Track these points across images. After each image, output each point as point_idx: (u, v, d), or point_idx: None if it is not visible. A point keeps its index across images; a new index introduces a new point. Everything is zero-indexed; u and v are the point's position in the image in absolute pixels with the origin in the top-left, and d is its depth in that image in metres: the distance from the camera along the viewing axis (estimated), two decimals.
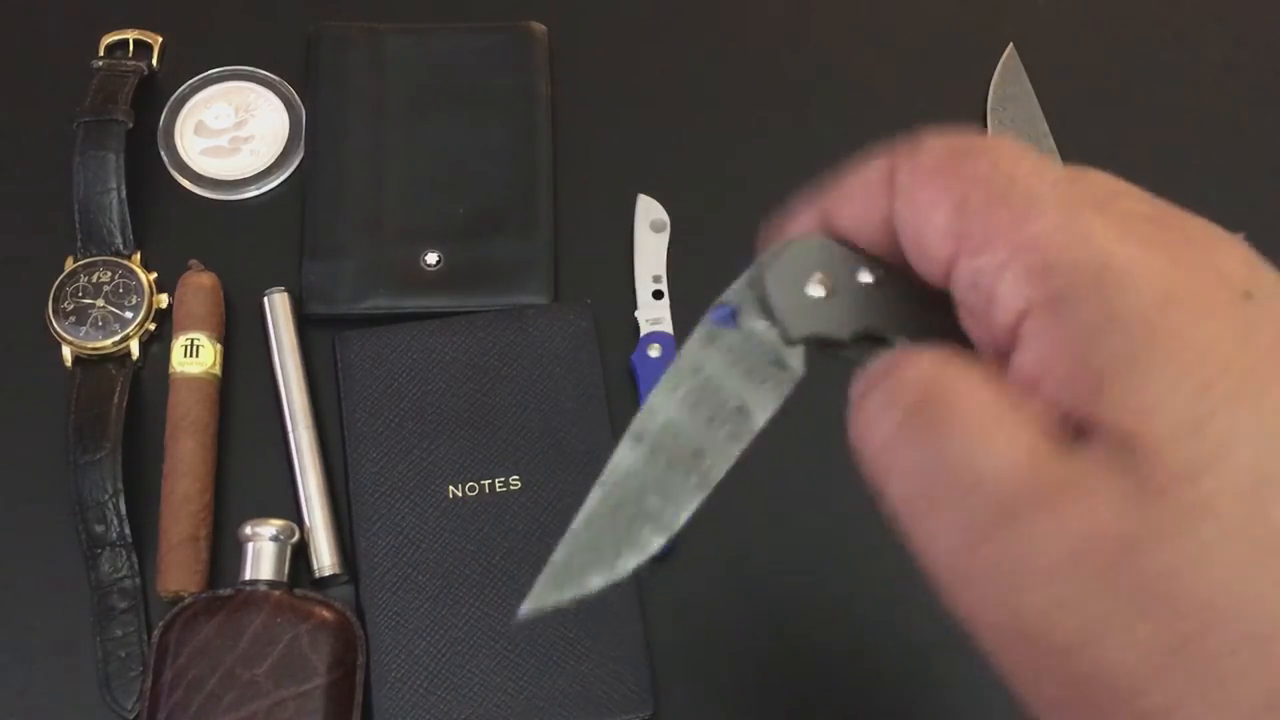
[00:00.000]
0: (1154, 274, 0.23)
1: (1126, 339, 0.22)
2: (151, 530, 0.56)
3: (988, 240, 0.25)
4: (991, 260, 0.25)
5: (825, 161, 0.71)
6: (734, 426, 0.30)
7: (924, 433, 0.25)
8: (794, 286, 0.29)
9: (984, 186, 0.26)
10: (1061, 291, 0.24)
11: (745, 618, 0.56)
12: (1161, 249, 0.24)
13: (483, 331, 0.60)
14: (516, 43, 0.67)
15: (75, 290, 0.60)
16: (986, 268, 0.25)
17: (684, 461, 0.31)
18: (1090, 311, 0.23)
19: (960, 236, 0.26)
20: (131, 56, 0.67)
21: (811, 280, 0.29)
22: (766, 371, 0.29)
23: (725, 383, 0.29)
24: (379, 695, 0.53)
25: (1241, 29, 0.71)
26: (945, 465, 0.24)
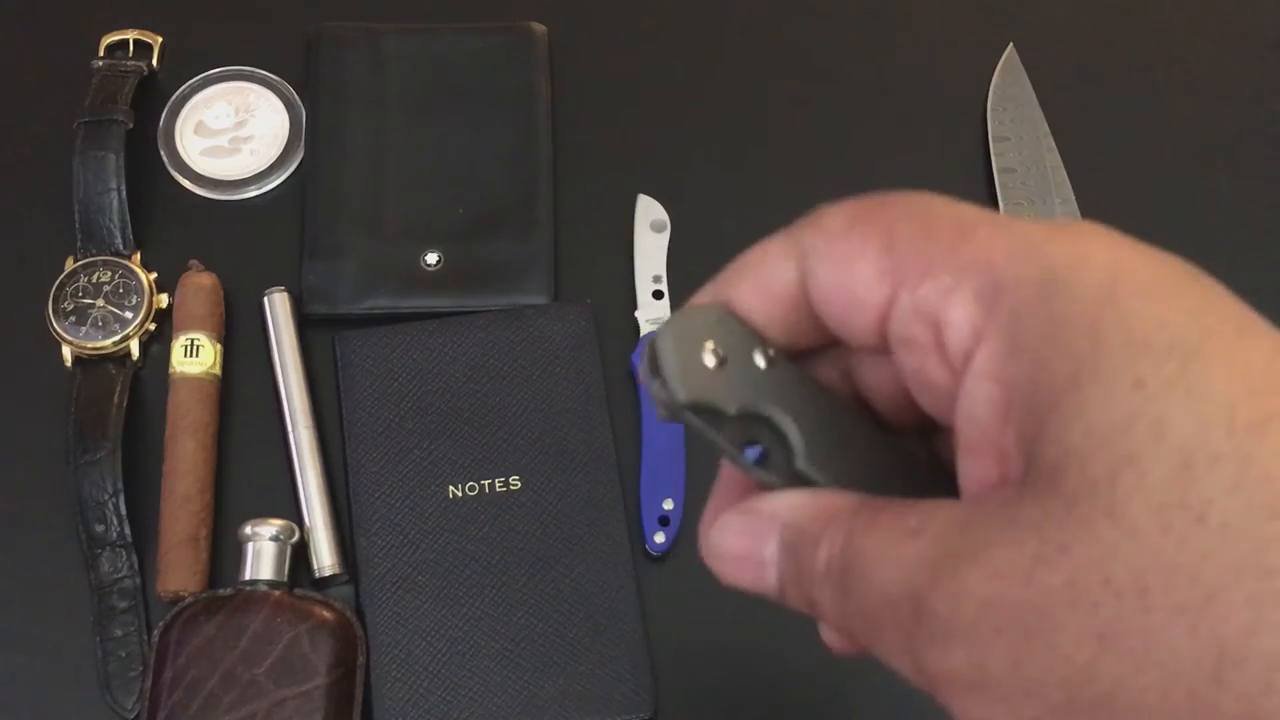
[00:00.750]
0: (1097, 265, 0.23)
1: (1068, 355, 0.23)
2: (151, 530, 0.56)
3: (928, 268, 0.25)
4: (936, 286, 0.25)
5: (825, 161, 0.72)
6: None
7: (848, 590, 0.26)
8: (688, 352, 0.28)
9: (907, 223, 0.26)
10: (1008, 309, 0.24)
11: (745, 618, 0.56)
12: (1101, 238, 0.24)
13: (483, 331, 0.60)
14: (516, 43, 0.67)
15: (75, 290, 0.60)
16: (931, 295, 0.25)
17: None
18: (1036, 324, 0.23)
19: (895, 272, 0.26)
20: (131, 56, 0.67)
21: (705, 349, 0.28)
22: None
23: None
24: (379, 695, 0.53)
25: (1242, 28, 0.71)
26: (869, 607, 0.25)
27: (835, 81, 0.69)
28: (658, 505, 0.57)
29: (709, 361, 0.28)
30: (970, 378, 0.24)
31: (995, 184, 0.65)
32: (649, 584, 0.56)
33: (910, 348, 0.26)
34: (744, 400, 0.28)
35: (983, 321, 0.24)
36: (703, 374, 0.28)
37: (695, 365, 0.28)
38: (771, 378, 0.29)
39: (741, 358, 0.29)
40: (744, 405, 0.28)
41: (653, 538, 0.57)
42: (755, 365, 0.29)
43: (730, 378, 0.28)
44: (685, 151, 0.67)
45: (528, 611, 0.55)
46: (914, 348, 0.26)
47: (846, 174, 0.66)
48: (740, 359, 0.29)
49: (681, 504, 0.57)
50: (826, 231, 0.27)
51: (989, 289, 0.24)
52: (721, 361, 0.28)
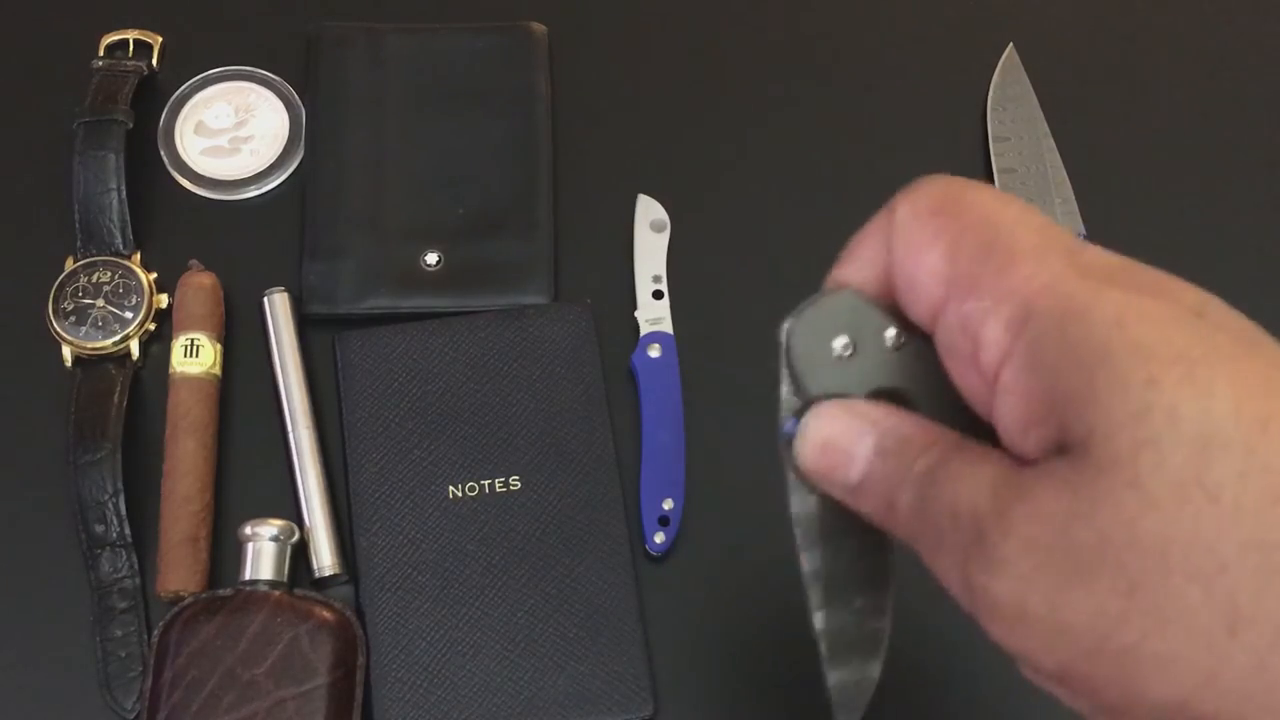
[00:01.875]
0: (1108, 303, 0.26)
1: (1082, 367, 0.26)
2: (151, 530, 0.56)
3: (975, 287, 0.28)
4: (979, 306, 0.28)
5: (825, 161, 0.72)
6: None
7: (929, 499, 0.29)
8: (818, 344, 0.31)
9: (974, 233, 0.29)
10: (1032, 338, 0.27)
11: (745, 618, 0.56)
12: (1117, 284, 0.27)
13: (483, 331, 0.60)
14: (516, 43, 0.67)
15: (75, 290, 0.60)
16: (974, 313, 0.28)
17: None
18: (1054, 352, 0.26)
19: (951, 282, 0.29)
20: (131, 56, 0.67)
21: (835, 340, 0.31)
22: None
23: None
24: (379, 695, 0.53)
25: (1242, 28, 0.71)
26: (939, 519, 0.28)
27: (835, 81, 0.69)
28: (658, 505, 0.57)
29: (838, 352, 0.31)
30: (999, 391, 0.28)
31: (995, 184, 0.65)
32: (649, 584, 0.56)
33: (952, 354, 0.29)
34: (873, 383, 0.31)
35: (1009, 344, 0.27)
36: (831, 366, 0.31)
37: (824, 359, 0.31)
38: (901, 358, 0.31)
39: (872, 342, 0.31)
40: (873, 386, 0.31)
41: (653, 538, 0.57)
42: (885, 347, 0.31)
43: (861, 364, 0.31)
44: (685, 151, 0.67)
45: (528, 611, 0.55)
46: (956, 355, 0.29)
47: (847, 174, 0.66)
48: (871, 343, 0.31)
49: (681, 504, 0.57)
50: (913, 211, 0.30)
51: (1018, 318, 0.27)
52: (852, 350, 0.31)
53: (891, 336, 0.31)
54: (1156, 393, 0.24)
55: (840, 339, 0.31)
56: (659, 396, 0.59)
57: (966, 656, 0.56)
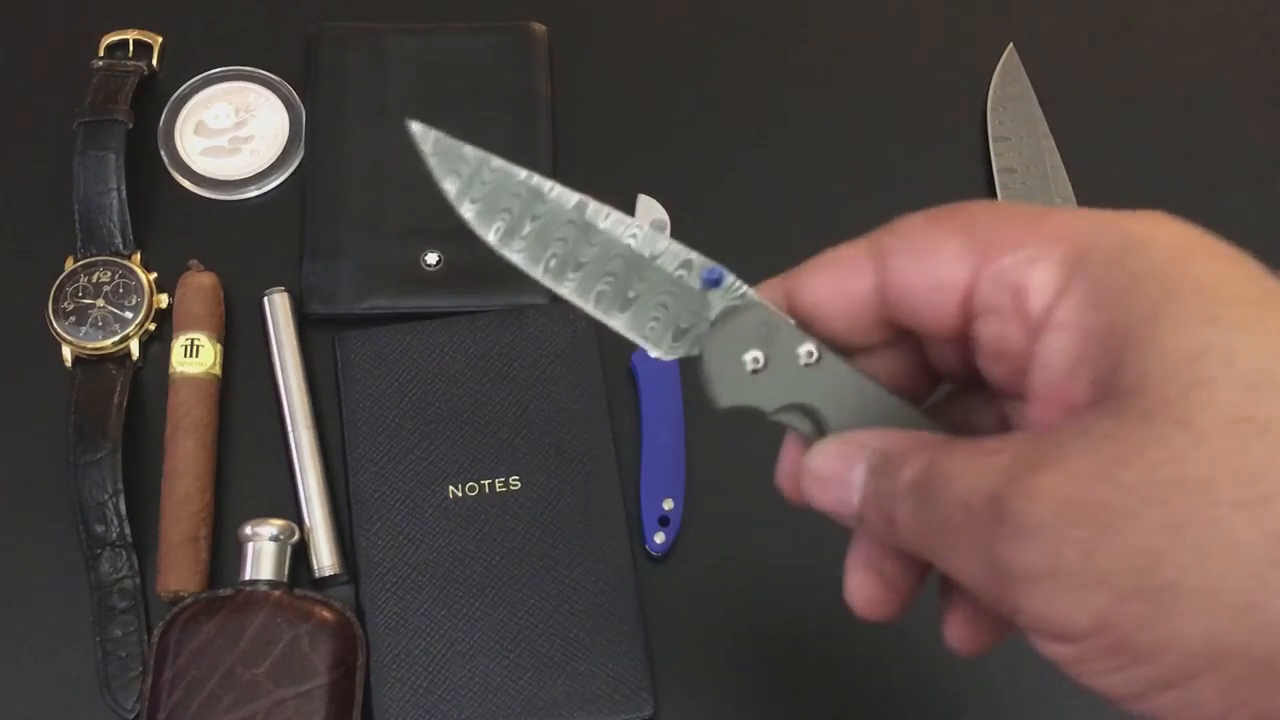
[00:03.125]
0: (1169, 236, 0.27)
1: (1144, 300, 0.26)
2: (151, 530, 0.56)
3: (1009, 244, 0.29)
4: (1020, 257, 0.29)
5: (825, 161, 0.72)
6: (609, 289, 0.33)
7: (928, 502, 0.29)
8: (730, 357, 0.32)
9: (984, 214, 0.30)
10: (1092, 270, 0.27)
11: (745, 618, 0.56)
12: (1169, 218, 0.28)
13: (483, 331, 0.60)
14: (516, 43, 0.67)
15: (75, 290, 0.60)
16: (1015, 264, 0.29)
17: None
18: (1116, 278, 0.27)
19: (977, 251, 0.29)
20: (131, 56, 0.67)
21: (746, 356, 0.32)
22: (664, 321, 0.33)
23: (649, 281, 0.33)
24: (379, 695, 0.53)
25: (1242, 28, 0.71)
26: (947, 515, 0.28)
27: (835, 81, 0.69)
28: (658, 505, 0.57)
29: (749, 367, 0.32)
30: (1049, 331, 0.28)
31: (995, 184, 0.65)
32: (649, 584, 0.56)
33: (992, 315, 0.30)
34: (784, 397, 0.32)
35: (1064, 282, 0.28)
36: (742, 380, 0.32)
37: (735, 373, 0.32)
38: (814, 373, 0.32)
39: (784, 358, 0.32)
40: (784, 402, 0.32)
41: (653, 538, 0.57)
42: (797, 364, 0.32)
43: (772, 378, 0.32)
44: (685, 151, 0.67)
45: (528, 611, 0.55)
46: (995, 314, 0.29)
47: (847, 173, 0.66)
48: (782, 359, 0.32)
49: (681, 504, 0.57)
50: (906, 230, 0.31)
51: (1072, 255, 0.28)
52: (762, 365, 0.32)
53: (804, 353, 0.32)
54: (1215, 333, 0.25)
55: (751, 353, 0.32)
56: (659, 396, 0.59)
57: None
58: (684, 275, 0.32)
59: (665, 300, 0.33)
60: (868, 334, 0.33)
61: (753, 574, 0.57)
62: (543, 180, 0.33)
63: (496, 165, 0.33)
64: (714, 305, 0.32)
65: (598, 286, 0.33)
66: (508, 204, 0.33)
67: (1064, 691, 0.55)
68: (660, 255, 0.32)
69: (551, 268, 0.33)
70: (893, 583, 0.33)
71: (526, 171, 0.33)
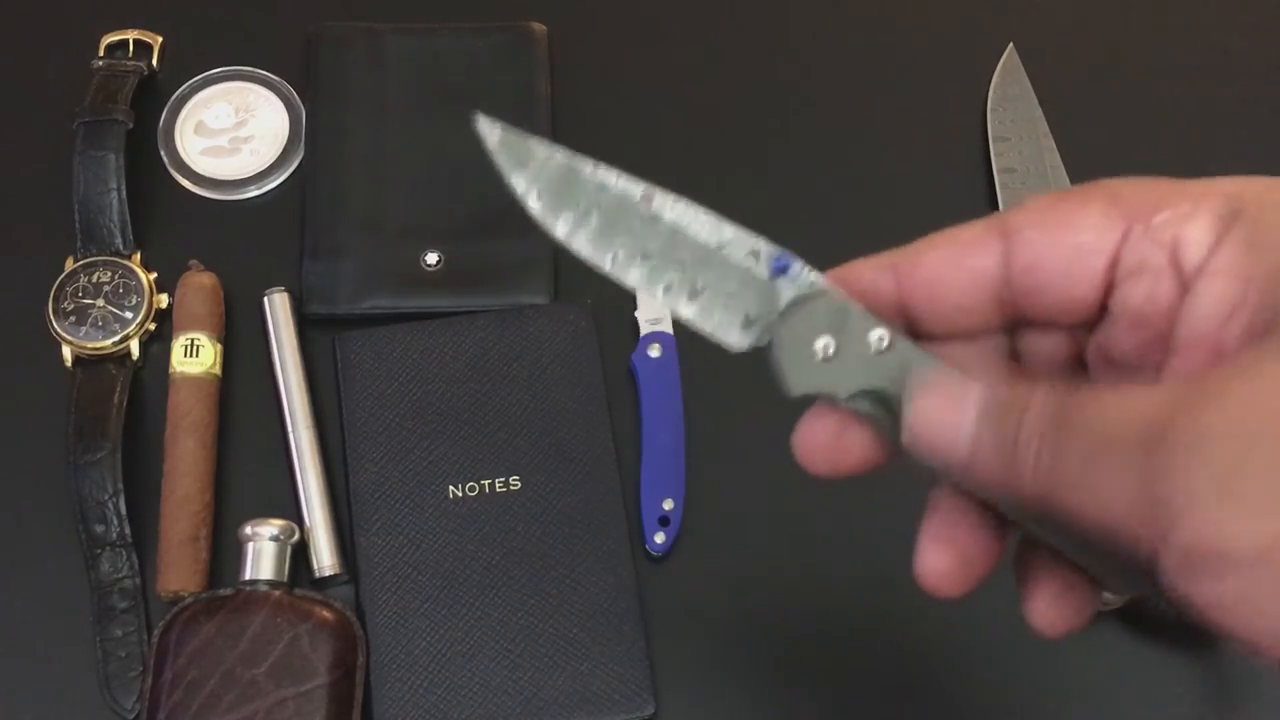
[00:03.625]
0: None
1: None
2: (151, 530, 0.56)
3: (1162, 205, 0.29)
4: (1175, 213, 0.29)
5: (825, 161, 0.71)
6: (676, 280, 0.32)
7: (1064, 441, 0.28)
8: (801, 345, 0.31)
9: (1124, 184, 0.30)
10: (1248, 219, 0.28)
11: (745, 618, 0.56)
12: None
13: (483, 331, 0.60)
14: (516, 43, 0.67)
15: (75, 290, 0.60)
16: (1168, 220, 0.29)
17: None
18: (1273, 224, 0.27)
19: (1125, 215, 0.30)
20: (131, 56, 0.67)
21: (819, 341, 0.31)
22: (732, 310, 0.32)
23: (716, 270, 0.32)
24: (379, 695, 0.53)
25: (1241, 28, 0.71)
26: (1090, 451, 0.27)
27: (836, 81, 0.69)
28: (658, 505, 0.57)
29: (820, 354, 0.31)
30: (1204, 279, 0.28)
31: (995, 184, 0.65)
32: (649, 584, 0.56)
33: (1141, 275, 0.30)
34: (857, 384, 0.31)
35: (1222, 232, 0.28)
36: (813, 367, 0.31)
37: (805, 360, 0.31)
38: (886, 359, 0.31)
39: (856, 344, 0.31)
40: (856, 388, 0.31)
41: (653, 538, 0.57)
42: (869, 350, 0.31)
43: (843, 365, 0.31)
44: (685, 151, 0.67)
45: (528, 611, 0.55)
46: (1145, 274, 0.29)
47: (847, 173, 0.66)
48: (854, 345, 0.31)
49: (681, 504, 0.57)
50: (1039, 206, 0.31)
51: (1227, 209, 0.28)
52: (833, 352, 0.31)
53: (876, 339, 0.31)
54: None
55: (822, 340, 0.31)
56: (659, 396, 0.59)
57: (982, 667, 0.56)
58: (752, 264, 0.32)
59: (734, 289, 0.32)
60: (978, 316, 0.32)
61: (753, 574, 0.57)
62: (609, 171, 0.33)
63: (561, 158, 0.33)
64: (783, 293, 0.32)
65: (666, 277, 0.32)
66: (575, 196, 0.33)
67: (1064, 693, 0.55)
68: (727, 244, 0.32)
69: (619, 259, 0.33)
70: (968, 557, 0.32)
71: (593, 163, 0.33)
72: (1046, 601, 0.32)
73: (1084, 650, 0.55)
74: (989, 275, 0.31)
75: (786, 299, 0.32)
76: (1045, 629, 0.32)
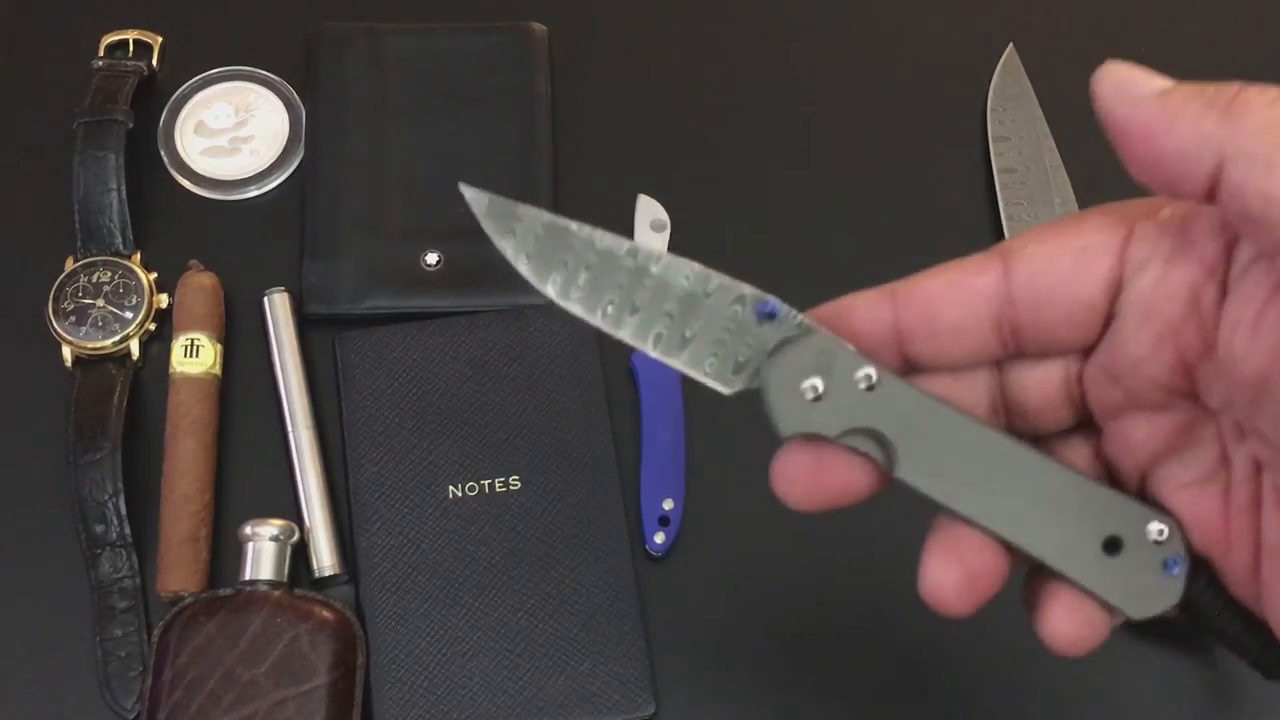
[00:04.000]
0: None
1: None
2: (151, 530, 0.56)
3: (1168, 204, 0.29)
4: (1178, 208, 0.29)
5: (825, 161, 0.71)
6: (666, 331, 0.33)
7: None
8: (789, 387, 0.32)
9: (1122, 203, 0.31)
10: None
11: (745, 618, 0.56)
12: None
13: (483, 331, 0.60)
14: (516, 43, 0.67)
15: (75, 290, 0.60)
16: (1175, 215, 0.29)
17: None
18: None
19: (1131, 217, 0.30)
20: (131, 56, 0.67)
21: (806, 382, 0.32)
22: (723, 357, 0.33)
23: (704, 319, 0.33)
24: (379, 695, 0.53)
25: (1241, 29, 0.71)
26: None
27: (835, 81, 0.69)
28: (658, 505, 0.57)
29: (809, 395, 0.32)
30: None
31: (995, 184, 0.65)
32: (649, 584, 0.56)
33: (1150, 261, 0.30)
34: (846, 423, 0.32)
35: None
36: (802, 408, 0.32)
37: (794, 402, 0.32)
38: (874, 397, 0.32)
39: (843, 384, 0.32)
40: (846, 427, 0.32)
41: (653, 538, 0.57)
42: (856, 388, 0.32)
43: (832, 405, 0.32)
44: (685, 151, 0.67)
45: (528, 611, 0.55)
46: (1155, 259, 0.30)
47: (847, 173, 0.66)
48: (841, 385, 0.32)
49: (681, 504, 0.57)
50: (1039, 227, 0.31)
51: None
52: (822, 393, 0.32)
53: (862, 377, 0.32)
54: None
55: (810, 381, 0.32)
56: (659, 396, 0.59)
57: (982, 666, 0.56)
58: (738, 310, 0.33)
59: (722, 336, 0.33)
60: (975, 340, 0.32)
61: (753, 574, 0.57)
62: (594, 230, 0.33)
63: (548, 220, 0.33)
64: (770, 337, 0.33)
65: (655, 329, 0.33)
66: (562, 256, 0.33)
67: (1064, 694, 0.55)
68: (713, 293, 0.33)
69: (609, 314, 0.33)
70: (974, 574, 0.32)
71: (578, 223, 0.33)
72: (1063, 616, 0.32)
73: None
74: (989, 293, 0.31)
75: (774, 342, 0.32)
76: (1060, 644, 0.32)
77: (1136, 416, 0.32)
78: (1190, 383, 0.31)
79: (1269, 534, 0.30)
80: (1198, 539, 0.32)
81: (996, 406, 0.34)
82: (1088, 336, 0.32)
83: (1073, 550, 0.32)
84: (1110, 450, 0.33)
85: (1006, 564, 0.33)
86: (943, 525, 0.33)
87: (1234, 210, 0.27)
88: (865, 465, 0.32)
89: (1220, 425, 0.31)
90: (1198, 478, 0.32)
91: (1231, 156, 0.27)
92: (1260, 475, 0.30)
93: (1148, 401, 0.31)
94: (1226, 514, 0.31)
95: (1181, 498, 0.32)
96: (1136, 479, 0.33)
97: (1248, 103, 0.27)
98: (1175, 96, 0.28)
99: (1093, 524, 0.32)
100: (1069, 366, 0.33)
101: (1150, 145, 0.28)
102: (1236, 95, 0.27)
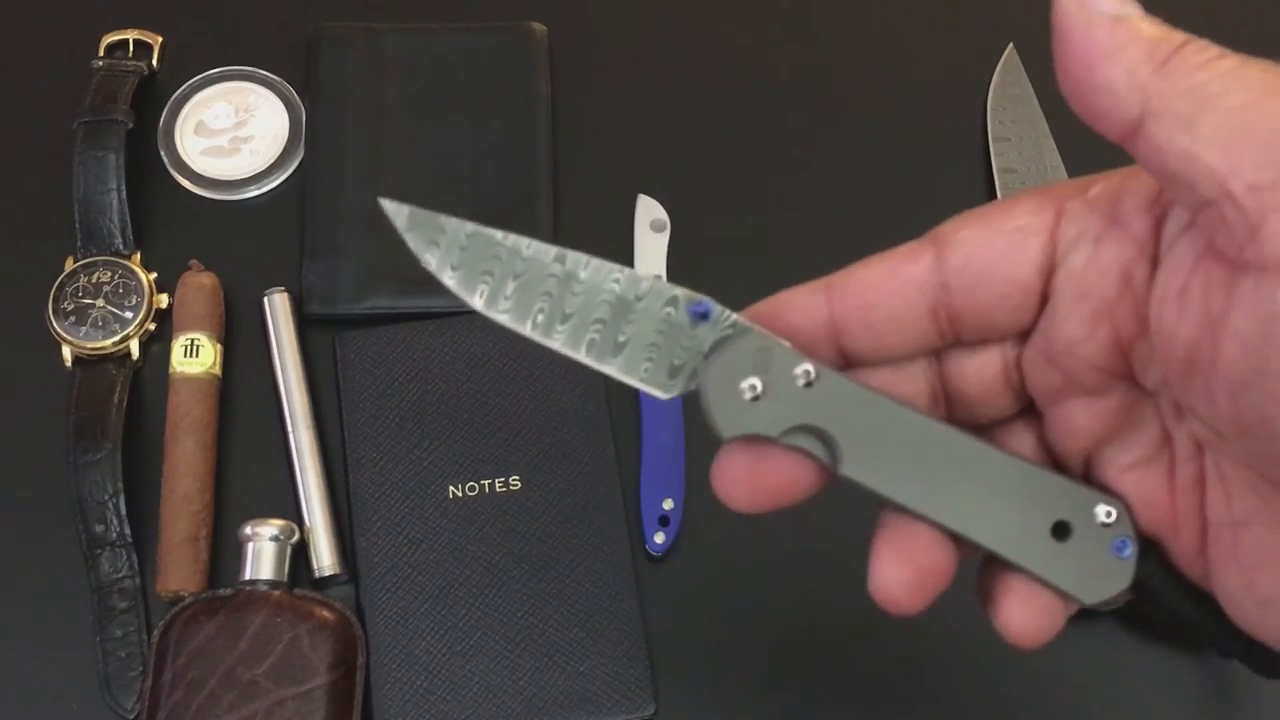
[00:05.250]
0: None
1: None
2: (151, 530, 0.56)
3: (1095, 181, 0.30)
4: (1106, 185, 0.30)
5: (825, 161, 0.71)
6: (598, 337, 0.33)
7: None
8: (727, 388, 0.32)
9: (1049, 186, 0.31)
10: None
11: (745, 618, 0.56)
12: None
13: (483, 331, 0.60)
14: (516, 43, 0.67)
15: (75, 290, 0.60)
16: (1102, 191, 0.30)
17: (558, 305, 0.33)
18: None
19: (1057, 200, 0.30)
20: (131, 56, 0.67)
21: (744, 382, 0.32)
22: (658, 361, 0.33)
23: (637, 323, 0.32)
24: (379, 695, 0.53)
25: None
26: None
27: (835, 81, 0.69)
28: (658, 505, 0.57)
29: (748, 395, 0.31)
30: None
31: (995, 184, 0.65)
32: (649, 584, 0.56)
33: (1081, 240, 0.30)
34: (786, 421, 0.31)
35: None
36: (742, 409, 0.31)
37: (734, 403, 0.31)
38: (814, 393, 0.32)
39: (781, 381, 0.32)
40: (787, 425, 0.31)
41: (653, 538, 0.57)
42: (795, 385, 0.31)
43: (771, 404, 0.31)
44: (685, 151, 0.67)
45: (528, 611, 0.55)
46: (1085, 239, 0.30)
47: (846, 173, 0.66)
48: (780, 383, 0.31)
49: (681, 504, 0.57)
50: (968, 212, 0.31)
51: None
52: (760, 392, 0.31)
53: (801, 373, 0.31)
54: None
55: (748, 381, 0.31)
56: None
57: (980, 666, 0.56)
58: (671, 312, 0.32)
59: (657, 340, 0.32)
60: (911, 330, 0.32)
61: (753, 574, 0.57)
62: (520, 238, 0.33)
63: (472, 230, 0.33)
64: (705, 338, 0.32)
65: (587, 335, 0.33)
66: (488, 266, 0.33)
67: (1063, 693, 0.55)
68: (645, 296, 0.32)
69: (539, 323, 0.33)
70: (923, 572, 0.32)
71: (503, 232, 0.33)
72: (1019, 606, 0.32)
73: (1082, 651, 0.55)
74: (923, 280, 0.31)
75: (709, 343, 0.32)
76: (1017, 636, 0.32)
77: (1076, 401, 0.32)
78: (1126, 364, 0.30)
79: (1213, 511, 0.30)
80: (1145, 520, 0.32)
81: (937, 397, 0.33)
82: (1024, 320, 0.31)
83: (1022, 538, 0.32)
84: (1053, 436, 0.33)
85: (955, 559, 0.32)
86: (890, 522, 0.33)
87: (1154, 166, 0.27)
88: (808, 463, 0.32)
89: (1160, 405, 0.31)
90: (1141, 459, 0.32)
91: (1156, 113, 0.27)
92: (1202, 454, 0.30)
93: (1086, 385, 0.31)
94: (1172, 494, 0.31)
95: (1126, 480, 0.32)
96: (1081, 463, 0.33)
97: (1183, 61, 0.27)
98: (1124, 30, 0.28)
99: (1040, 510, 0.32)
100: (1007, 353, 0.32)
101: (1084, 72, 0.28)
102: (1175, 52, 0.27)
